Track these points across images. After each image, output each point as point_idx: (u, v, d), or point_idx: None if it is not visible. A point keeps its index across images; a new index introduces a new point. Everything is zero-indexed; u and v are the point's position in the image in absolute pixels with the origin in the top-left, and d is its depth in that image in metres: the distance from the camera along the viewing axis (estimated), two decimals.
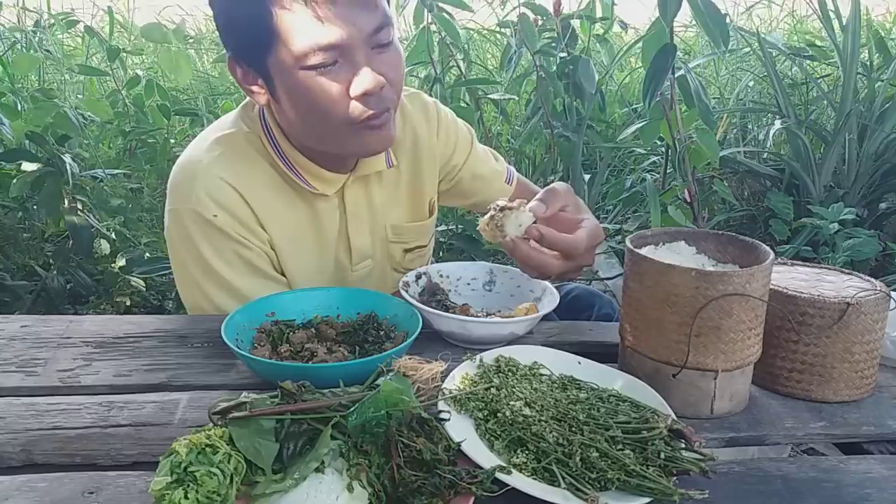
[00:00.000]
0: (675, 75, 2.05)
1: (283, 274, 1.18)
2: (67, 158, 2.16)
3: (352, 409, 0.70)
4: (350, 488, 0.64)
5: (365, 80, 1.00)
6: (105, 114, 2.58)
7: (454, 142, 1.36)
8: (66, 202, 2.25)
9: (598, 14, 2.78)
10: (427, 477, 0.67)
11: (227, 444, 0.65)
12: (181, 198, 1.11)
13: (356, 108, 1.02)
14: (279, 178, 1.15)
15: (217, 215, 1.09)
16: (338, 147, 1.09)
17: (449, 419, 0.76)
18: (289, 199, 1.16)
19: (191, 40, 3.22)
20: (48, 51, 3.10)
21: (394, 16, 1.05)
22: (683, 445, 0.73)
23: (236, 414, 0.67)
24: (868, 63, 3.02)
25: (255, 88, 1.08)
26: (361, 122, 1.03)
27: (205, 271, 1.11)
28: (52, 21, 3.08)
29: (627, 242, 0.93)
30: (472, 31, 3.74)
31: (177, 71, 2.48)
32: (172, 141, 2.79)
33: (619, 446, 0.72)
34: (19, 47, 2.89)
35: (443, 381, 0.83)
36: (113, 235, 2.42)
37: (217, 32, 1.13)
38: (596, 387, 0.85)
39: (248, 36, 1.01)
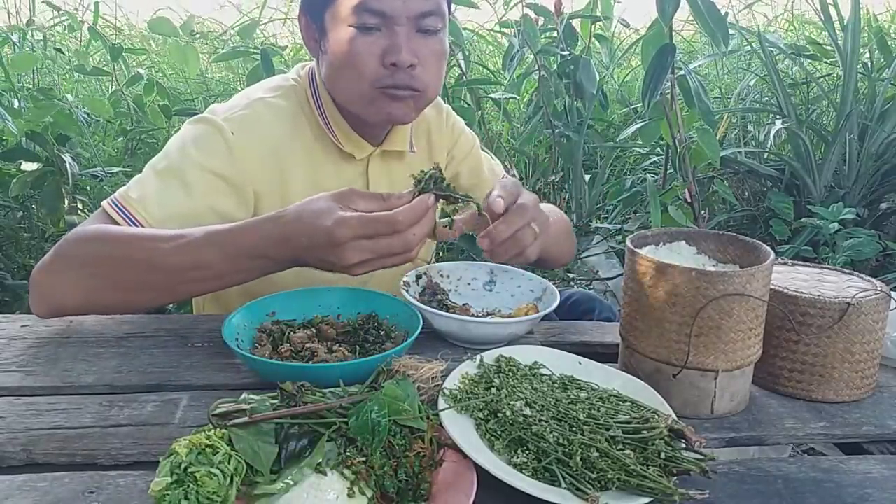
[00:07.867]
0: (676, 75, 2.05)
1: None
2: (67, 158, 2.15)
3: (353, 409, 0.70)
4: (350, 491, 0.64)
5: (397, 51, 1.07)
6: (106, 113, 2.58)
7: (458, 134, 1.45)
8: (67, 202, 2.24)
9: (599, 13, 2.77)
10: (426, 478, 0.66)
11: (227, 445, 0.65)
12: (220, 110, 1.14)
13: (383, 73, 1.09)
14: (314, 137, 1.19)
15: (234, 133, 1.10)
16: (359, 107, 1.14)
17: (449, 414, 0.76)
18: (317, 159, 1.20)
19: (197, 35, 3.20)
20: (58, 50, 3.09)
21: (446, 16, 1.13)
22: (684, 445, 0.73)
23: (236, 421, 0.67)
24: (869, 63, 3.02)
25: (311, 43, 1.17)
26: (382, 87, 1.09)
27: (161, 158, 1.09)
28: (52, 22, 3.06)
29: (628, 242, 0.93)
30: (471, 32, 3.73)
31: (185, 64, 2.50)
32: None
33: (620, 446, 0.72)
34: (14, 48, 2.86)
35: (443, 381, 0.83)
36: None
37: (215, 33, 1.16)
38: (596, 387, 0.85)
39: None
